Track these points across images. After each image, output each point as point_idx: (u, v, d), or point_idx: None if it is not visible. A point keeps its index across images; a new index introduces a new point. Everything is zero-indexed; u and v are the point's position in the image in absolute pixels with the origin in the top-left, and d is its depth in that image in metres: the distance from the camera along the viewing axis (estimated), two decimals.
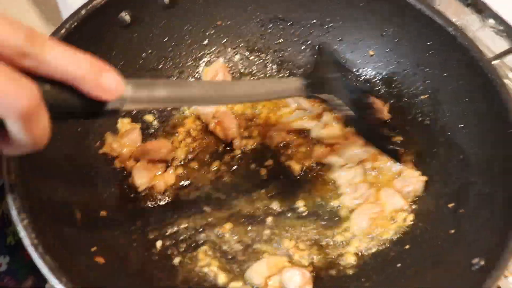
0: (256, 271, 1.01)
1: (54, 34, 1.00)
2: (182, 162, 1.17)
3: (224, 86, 0.94)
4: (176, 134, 1.21)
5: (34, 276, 1.28)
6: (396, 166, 1.16)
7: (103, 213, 1.02)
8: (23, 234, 0.74)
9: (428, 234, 1.05)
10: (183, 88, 0.83)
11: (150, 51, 1.22)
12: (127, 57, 1.18)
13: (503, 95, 1.01)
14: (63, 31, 1.01)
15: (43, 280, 1.05)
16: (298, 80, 1.03)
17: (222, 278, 1.02)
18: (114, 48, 1.14)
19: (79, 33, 1.04)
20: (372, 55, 1.27)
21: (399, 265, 1.03)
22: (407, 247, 1.06)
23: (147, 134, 1.20)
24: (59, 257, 0.75)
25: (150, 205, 1.10)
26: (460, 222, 1.00)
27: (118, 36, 1.14)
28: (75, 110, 0.65)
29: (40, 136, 0.61)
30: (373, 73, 1.28)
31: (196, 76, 1.28)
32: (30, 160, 0.86)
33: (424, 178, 1.13)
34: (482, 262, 0.87)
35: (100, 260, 0.87)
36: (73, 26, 1.03)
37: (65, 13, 1.51)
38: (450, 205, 1.05)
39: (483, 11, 1.55)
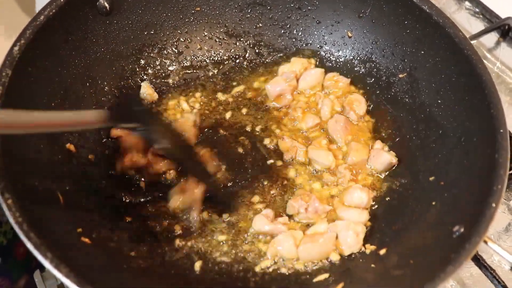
0: None
1: (32, 21, 1.00)
2: None
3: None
4: None
5: (28, 275, 1.28)
6: None
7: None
8: (7, 213, 0.75)
9: (409, 208, 1.07)
10: None
11: (129, 37, 1.22)
12: (108, 44, 1.18)
13: (479, 70, 1.03)
14: (41, 18, 1.01)
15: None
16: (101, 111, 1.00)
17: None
18: (94, 35, 1.15)
19: (58, 21, 1.05)
20: (350, 37, 1.29)
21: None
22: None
23: None
24: (45, 235, 0.75)
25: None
26: (441, 194, 1.02)
27: (98, 23, 1.15)
28: None
29: None
30: (352, 54, 1.29)
31: (173, 60, 1.29)
32: (12, 148, 0.87)
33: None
34: (462, 229, 0.88)
35: (86, 240, 0.87)
36: (51, 13, 1.03)
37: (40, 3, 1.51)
38: (431, 179, 1.07)
39: None
